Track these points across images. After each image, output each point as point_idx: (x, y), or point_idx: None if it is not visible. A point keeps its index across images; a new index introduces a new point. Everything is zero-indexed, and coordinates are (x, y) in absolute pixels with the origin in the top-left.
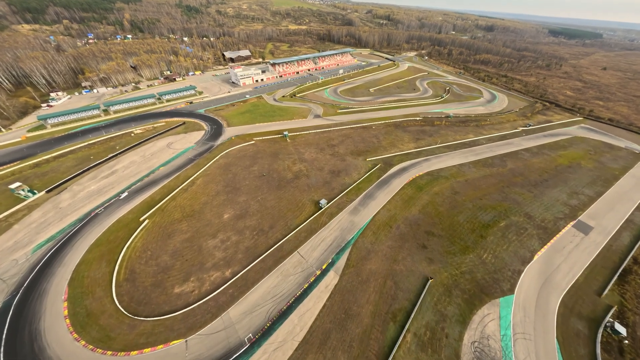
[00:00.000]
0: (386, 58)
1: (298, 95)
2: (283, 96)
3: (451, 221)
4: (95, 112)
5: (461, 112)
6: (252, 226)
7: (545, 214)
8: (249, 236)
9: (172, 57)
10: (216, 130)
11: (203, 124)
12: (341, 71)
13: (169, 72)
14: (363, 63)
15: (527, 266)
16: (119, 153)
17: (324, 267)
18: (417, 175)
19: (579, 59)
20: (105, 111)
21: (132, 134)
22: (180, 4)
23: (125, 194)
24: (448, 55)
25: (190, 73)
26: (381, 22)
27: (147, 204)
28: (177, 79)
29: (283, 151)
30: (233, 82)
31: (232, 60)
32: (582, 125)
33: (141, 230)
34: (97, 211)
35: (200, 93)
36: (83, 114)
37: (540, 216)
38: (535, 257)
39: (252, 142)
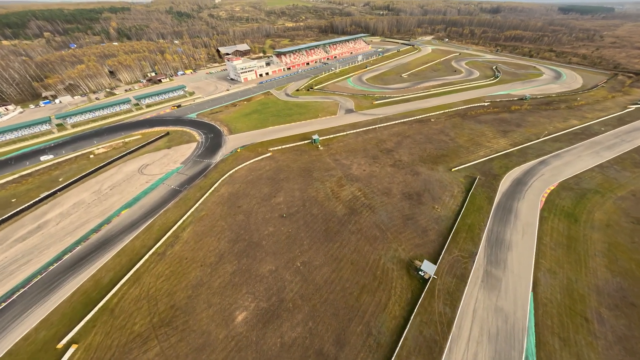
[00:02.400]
0: (403, 43)
1: (316, 87)
2: (297, 90)
3: None
4: (45, 127)
5: (535, 93)
6: (299, 343)
7: None
8: None
9: (158, 55)
10: (214, 140)
11: (195, 133)
12: (360, 57)
13: (153, 74)
14: (379, 49)
15: None
16: (60, 189)
17: None
18: (548, 191)
19: (612, 31)
20: (61, 126)
21: (91, 156)
22: (171, 10)
23: (42, 275)
24: (471, 35)
25: (180, 73)
26: (381, 12)
27: (84, 297)
28: (163, 81)
29: (317, 165)
30: (232, 79)
31: (228, 56)
32: None
33: None
34: None
35: (191, 94)
36: (26, 132)
37: None
38: None
39: (268, 154)
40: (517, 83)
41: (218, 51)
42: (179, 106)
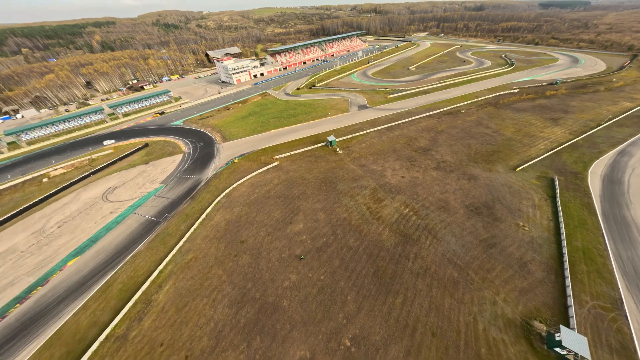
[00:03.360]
0: (399, 40)
1: (318, 84)
2: (298, 89)
3: None
4: None
5: (561, 77)
6: None
7: None
8: None
9: (140, 61)
10: (204, 150)
11: (180, 142)
12: (360, 53)
13: (135, 81)
14: (376, 46)
15: None
16: None
17: None
18: None
19: (599, 20)
20: (14, 144)
21: (44, 179)
22: (157, 22)
23: None
24: (466, 29)
25: (165, 79)
26: (369, 15)
27: None
28: (145, 88)
29: (340, 174)
30: (223, 82)
31: (218, 58)
32: None
33: None
34: None
35: (177, 99)
36: None
37: None
38: None
39: (274, 163)
40: (535, 69)
41: (207, 55)
42: (162, 113)
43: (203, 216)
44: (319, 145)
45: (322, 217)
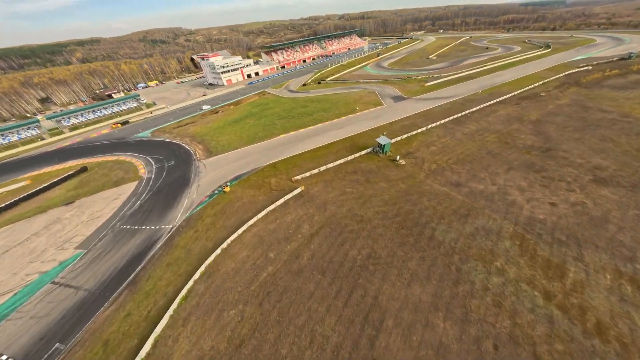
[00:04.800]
0: (398, 38)
1: (328, 79)
2: (304, 84)
3: None
4: None
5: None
6: None
7: None
8: None
9: (110, 66)
10: (173, 174)
11: (138, 163)
12: (366, 47)
13: (102, 89)
14: (378, 44)
15: None
16: None
17: None
18: None
19: (590, 11)
20: None
21: None
22: (145, 38)
23: None
24: (464, 25)
25: (141, 86)
26: (359, 21)
27: None
28: (115, 96)
29: (424, 204)
30: (210, 84)
31: (203, 59)
32: None
33: None
34: None
35: (150, 105)
36: None
37: None
38: None
39: (296, 190)
40: (579, 48)
41: (193, 60)
42: (124, 123)
43: (152, 339)
44: (363, 152)
45: (448, 335)
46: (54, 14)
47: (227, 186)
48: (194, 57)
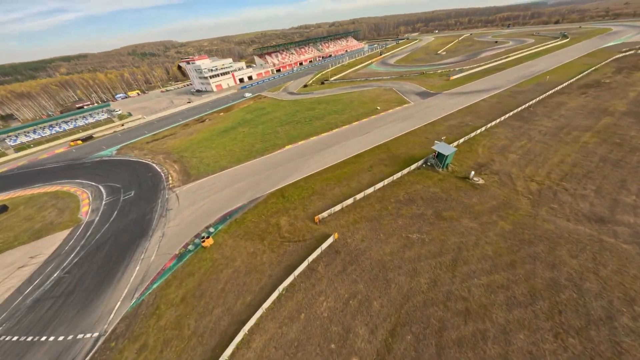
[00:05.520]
0: (393, 39)
1: (332, 78)
2: (305, 85)
3: None
4: None
5: None
6: None
7: None
8: None
9: (85, 76)
10: (130, 213)
11: (84, 195)
12: (366, 48)
13: (75, 101)
14: (374, 45)
15: None
16: None
17: None
18: None
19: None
20: None
21: None
22: (134, 52)
23: None
24: (459, 24)
25: (120, 96)
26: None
27: None
28: (86, 107)
29: (574, 271)
30: (198, 91)
31: (189, 62)
32: None
33: None
34: None
35: (124, 116)
36: None
37: None
38: None
39: (328, 241)
40: (602, 36)
41: (180, 68)
42: (87, 139)
43: None
44: (413, 167)
45: None
46: (45, 34)
47: (207, 237)
48: (181, 64)
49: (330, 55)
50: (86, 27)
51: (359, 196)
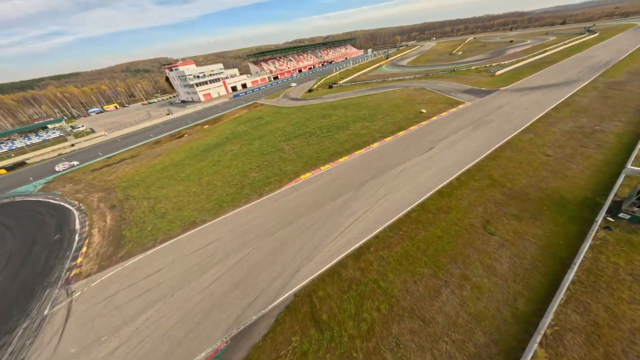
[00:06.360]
0: (392, 47)
1: (342, 81)
2: (310, 90)
3: None
4: None
5: None
6: None
7: None
8: None
9: (53, 91)
10: None
11: None
12: (370, 51)
13: (35, 118)
14: (375, 52)
15: None
16: None
17: None
18: None
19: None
20: None
21: None
22: (128, 69)
23: None
24: (456, 32)
25: (93, 110)
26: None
27: None
28: (50, 126)
29: None
30: (183, 101)
31: (171, 69)
32: None
33: None
34: None
35: (83, 134)
36: None
37: None
38: None
39: None
40: (632, 30)
41: (168, 80)
42: (16, 166)
43: None
44: (595, 228)
45: None
46: (43, 55)
47: None
48: (168, 72)
49: (332, 62)
50: (83, 48)
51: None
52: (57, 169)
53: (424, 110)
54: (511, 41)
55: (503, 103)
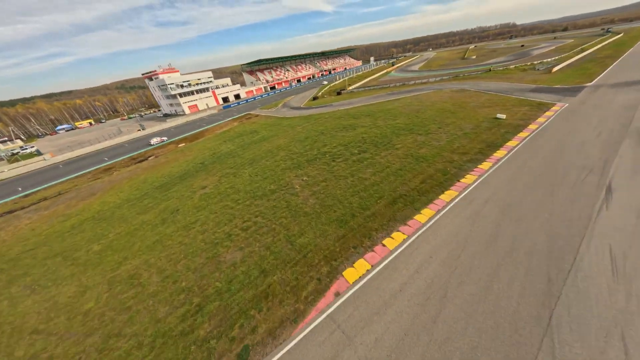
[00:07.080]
0: (392, 57)
1: (351, 87)
2: (314, 98)
3: None
4: None
5: None
6: None
7: None
8: None
9: (17, 107)
10: None
11: None
12: (372, 59)
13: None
14: (373, 62)
15: None
16: None
17: None
18: None
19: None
20: None
21: None
22: (123, 86)
23: None
24: (451, 42)
25: (62, 127)
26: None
27: None
28: (3, 146)
29: None
30: (166, 115)
31: (151, 78)
32: None
33: None
34: None
35: (23, 157)
36: None
37: None
38: None
39: None
40: None
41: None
42: None
43: None
44: None
45: None
46: (42, 75)
47: None
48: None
49: (334, 69)
50: (83, 68)
51: None
52: None
53: (502, 116)
54: (522, 45)
55: (623, 100)
